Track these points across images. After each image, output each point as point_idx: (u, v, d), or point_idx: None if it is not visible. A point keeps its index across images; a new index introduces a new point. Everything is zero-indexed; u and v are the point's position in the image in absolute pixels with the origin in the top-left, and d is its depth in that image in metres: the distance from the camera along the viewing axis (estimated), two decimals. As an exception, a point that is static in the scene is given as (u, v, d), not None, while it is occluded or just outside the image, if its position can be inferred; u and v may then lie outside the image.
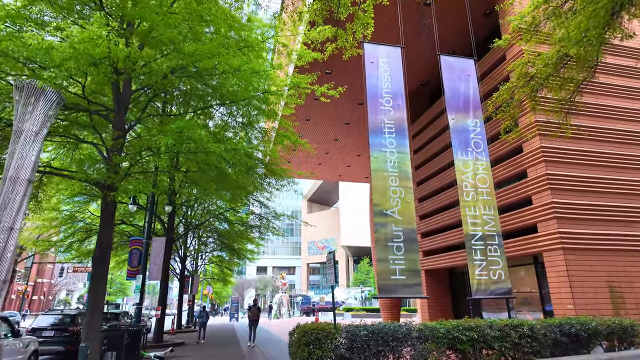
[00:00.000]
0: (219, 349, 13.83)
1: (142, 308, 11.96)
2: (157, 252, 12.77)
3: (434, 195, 17.75)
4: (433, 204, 17.74)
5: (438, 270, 18.07)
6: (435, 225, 17.47)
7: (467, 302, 17.57)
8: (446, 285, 18.37)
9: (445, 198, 16.61)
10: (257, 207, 19.61)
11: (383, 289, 9.77)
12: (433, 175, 17.79)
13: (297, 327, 7.38)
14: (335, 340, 6.56)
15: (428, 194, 18.21)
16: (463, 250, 15.76)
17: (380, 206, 10.45)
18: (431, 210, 17.87)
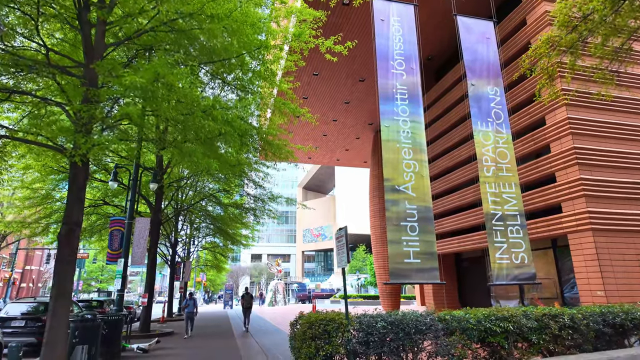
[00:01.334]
0: (211, 340, 12.71)
1: (124, 295, 10.76)
2: (140, 233, 11.53)
3: (443, 175, 16.58)
4: (441, 184, 16.59)
5: (444, 255, 17.03)
6: (442, 208, 16.35)
7: (474, 290, 16.62)
8: (452, 272, 17.38)
9: (456, 178, 15.45)
10: (252, 189, 18.35)
11: (395, 273, 8.65)
12: (442, 154, 16.56)
13: (301, 317, 6.22)
14: (348, 333, 5.41)
15: (437, 174, 17.04)
16: (471, 235, 14.70)
17: (392, 181, 9.26)
18: (439, 191, 16.73)
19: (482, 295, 16.23)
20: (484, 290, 16.19)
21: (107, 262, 11.18)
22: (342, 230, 5.79)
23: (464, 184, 14.88)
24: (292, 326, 6.49)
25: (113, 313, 9.93)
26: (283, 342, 11.42)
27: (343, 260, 5.70)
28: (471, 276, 16.95)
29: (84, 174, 7.49)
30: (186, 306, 12.93)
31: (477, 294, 16.46)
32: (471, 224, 14.47)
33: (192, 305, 12.89)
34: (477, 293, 16.41)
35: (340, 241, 5.85)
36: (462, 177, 14.82)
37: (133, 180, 11.55)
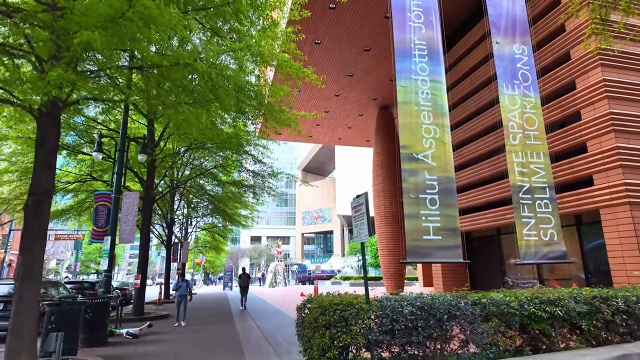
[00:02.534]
0: (208, 324, 11.88)
1: (111, 276, 9.84)
2: (129, 209, 10.51)
3: (460, 148, 15.40)
4: (458, 158, 15.47)
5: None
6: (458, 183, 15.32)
7: (485, 271, 15.78)
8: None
9: (475, 149, 14.22)
10: (251, 164, 17.25)
11: (413, 251, 7.68)
12: (461, 123, 15.17)
13: (310, 299, 5.27)
14: (369, 320, 4.44)
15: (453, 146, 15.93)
16: (487, 212, 13.75)
17: (410, 149, 8.19)
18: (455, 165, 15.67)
19: (493, 277, 15.41)
20: (495, 271, 15.37)
21: (91, 240, 10.22)
22: (361, 197, 4.76)
23: (483, 156, 13.78)
24: (299, 311, 5.54)
25: (99, 295, 9.00)
26: (285, 325, 10.58)
27: (363, 233, 4.69)
28: (482, 256, 16.08)
29: (54, 135, 6.40)
30: (177, 288, 11.10)
31: (487, 275, 15.64)
32: (487, 200, 13.50)
33: (185, 289, 11.09)
34: (488, 274, 15.60)
35: (358, 210, 4.83)
36: (483, 148, 13.64)
37: (120, 151, 10.45)
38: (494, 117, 12.50)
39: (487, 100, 13.24)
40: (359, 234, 4.81)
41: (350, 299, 4.65)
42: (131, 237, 10.48)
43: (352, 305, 4.51)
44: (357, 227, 4.89)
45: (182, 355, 7.17)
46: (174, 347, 7.90)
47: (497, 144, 12.77)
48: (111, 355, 7.17)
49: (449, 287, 16.01)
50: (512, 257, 14.58)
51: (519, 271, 14.39)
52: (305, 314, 5.46)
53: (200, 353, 7.29)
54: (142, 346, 8.09)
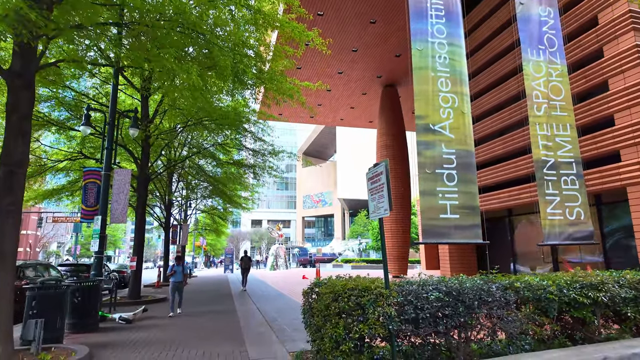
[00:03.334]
0: (207, 307, 11.38)
1: (102, 258, 9.22)
2: (120, 187, 9.82)
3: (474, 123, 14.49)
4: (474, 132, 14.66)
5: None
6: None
7: (495, 253, 15.19)
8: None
9: (491, 124, 13.30)
10: (251, 142, 16.47)
11: (429, 231, 7.02)
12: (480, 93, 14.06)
13: (319, 283, 4.63)
14: (390, 308, 3.79)
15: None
16: (499, 192, 13.07)
17: (426, 119, 7.43)
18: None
19: (503, 261, 14.85)
20: (505, 255, 14.80)
21: (81, 220, 9.57)
22: (380, 165, 4.05)
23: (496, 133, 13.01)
24: (306, 296, 4.90)
25: (90, 278, 8.40)
26: (288, 308, 10.04)
27: (381, 207, 3.99)
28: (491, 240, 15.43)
29: (27, 99, 5.65)
30: (172, 274, 9.62)
31: (497, 259, 15.07)
32: (498, 180, 12.79)
33: (180, 273, 9.69)
34: (497, 258, 15.02)
35: (376, 181, 4.12)
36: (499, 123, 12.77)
37: (109, 125, 9.68)
38: (514, 87, 11.59)
39: (509, 68, 12.16)
40: (377, 210, 4.11)
41: (366, 283, 4.00)
42: (123, 217, 9.83)
43: (369, 291, 3.85)
44: (373, 200, 4.19)
45: (177, 343, 6.59)
46: (169, 334, 7.33)
47: (514, 119, 11.97)
48: (100, 343, 6.60)
49: (456, 271, 15.48)
50: (523, 240, 13.98)
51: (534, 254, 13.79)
52: (313, 299, 4.83)
53: (196, 341, 6.72)
54: (135, 332, 7.53)
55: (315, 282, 4.94)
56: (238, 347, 6.18)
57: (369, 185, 4.34)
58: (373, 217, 4.24)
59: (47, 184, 15.48)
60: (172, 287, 9.68)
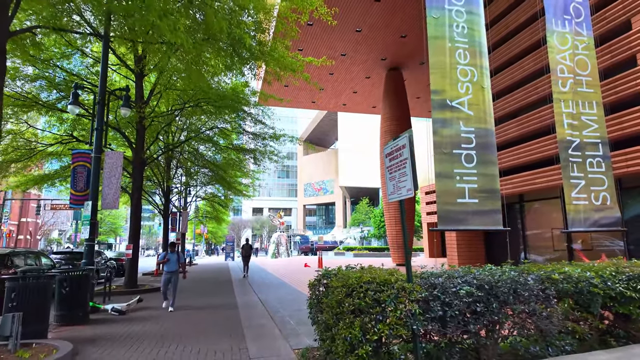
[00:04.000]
0: (206, 297, 10.90)
1: (94, 246, 8.68)
2: (111, 171, 9.22)
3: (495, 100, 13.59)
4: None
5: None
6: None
7: (503, 242, 14.64)
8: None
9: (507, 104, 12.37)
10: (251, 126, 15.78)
11: (445, 217, 6.43)
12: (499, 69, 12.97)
13: (327, 275, 4.07)
14: (413, 304, 3.21)
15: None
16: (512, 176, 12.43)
17: (442, 94, 6.77)
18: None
19: (513, 248, 14.31)
20: (515, 244, 14.25)
21: (70, 206, 9.00)
22: (401, 137, 3.42)
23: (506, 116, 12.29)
24: (312, 288, 4.34)
25: (81, 267, 7.86)
26: (290, 299, 9.54)
27: (404, 187, 3.39)
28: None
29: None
30: (164, 262, 8.37)
31: (506, 248, 14.52)
32: (512, 164, 12.14)
33: (175, 262, 8.41)
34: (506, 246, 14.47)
35: (396, 157, 3.51)
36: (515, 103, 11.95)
37: (99, 104, 9.02)
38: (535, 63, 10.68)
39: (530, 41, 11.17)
40: (397, 190, 3.51)
41: (385, 276, 3.41)
42: (115, 203, 9.25)
43: (389, 285, 3.27)
44: (392, 180, 3.58)
45: (171, 337, 6.08)
46: (163, 327, 6.83)
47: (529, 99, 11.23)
48: (87, 337, 6.09)
49: (465, 260, 14.96)
50: (534, 227, 13.42)
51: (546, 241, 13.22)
52: (320, 292, 4.27)
53: (193, 335, 6.20)
54: (127, 325, 7.02)
55: (323, 272, 4.38)
56: (237, 342, 5.66)
57: (386, 163, 3.73)
58: (393, 199, 3.64)
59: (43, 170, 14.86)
60: (165, 279, 8.38)
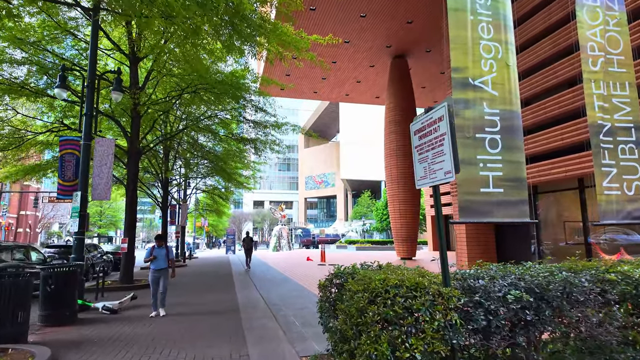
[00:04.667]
0: (205, 294, 10.36)
1: (84, 239, 8.09)
2: (102, 159, 8.59)
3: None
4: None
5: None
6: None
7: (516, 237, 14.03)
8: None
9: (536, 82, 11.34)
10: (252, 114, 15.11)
11: (466, 208, 5.79)
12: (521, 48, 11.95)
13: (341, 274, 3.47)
14: (452, 313, 2.60)
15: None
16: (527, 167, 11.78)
17: (464, 72, 6.10)
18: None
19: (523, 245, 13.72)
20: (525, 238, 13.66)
21: (57, 197, 8.39)
22: (438, 108, 2.78)
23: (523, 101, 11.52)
24: (323, 289, 3.75)
25: (67, 263, 7.28)
26: (294, 296, 8.97)
27: (440, 169, 2.76)
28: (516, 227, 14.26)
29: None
30: (151, 259, 7.12)
31: (516, 243, 13.91)
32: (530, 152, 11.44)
33: (164, 259, 7.20)
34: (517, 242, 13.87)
35: (430, 133, 2.88)
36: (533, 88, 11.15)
37: (88, 87, 8.37)
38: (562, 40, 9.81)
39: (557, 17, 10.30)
40: (430, 173, 2.88)
41: (415, 278, 2.79)
42: (106, 193, 8.65)
43: (422, 289, 2.66)
44: (424, 161, 2.95)
45: (164, 341, 5.51)
46: (157, 328, 6.26)
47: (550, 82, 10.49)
48: (72, 340, 5.52)
49: (475, 256, 14.34)
50: (547, 220, 12.82)
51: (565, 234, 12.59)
52: (333, 293, 3.68)
53: (188, 338, 5.63)
54: (118, 325, 6.46)
55: (335, 271, 3.78)
56: (238, 347, 5.09)
57: (415, 142, 3.10)
58: (423, 184, 3.02)
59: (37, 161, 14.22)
60: (153, 278, 7.13)
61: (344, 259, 22.68)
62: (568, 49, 9.65)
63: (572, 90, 9.70)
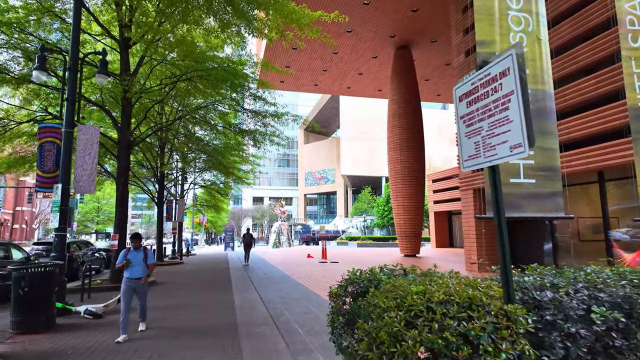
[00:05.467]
0: (198, 294, 9.68)
1: (66, 236, 7.38)
2: (86, 148, 7.84)
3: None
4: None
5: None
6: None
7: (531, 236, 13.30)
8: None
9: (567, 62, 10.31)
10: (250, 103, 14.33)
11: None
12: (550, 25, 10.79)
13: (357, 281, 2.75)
14: (522, 341, 1.87)
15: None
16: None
17: (490, 46, 5.37)
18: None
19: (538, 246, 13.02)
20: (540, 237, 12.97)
21: (36, 189, 7.65)
22: (501, 59, 2.04)
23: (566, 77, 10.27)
24: (335, 299, 3.03)
25: (43, 263, 6.56)
26: (296, 297, 8.27)
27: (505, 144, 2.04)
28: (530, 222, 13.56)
29: None
30: (124, 265, 5.60)
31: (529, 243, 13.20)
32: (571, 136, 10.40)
33: (141, 265, 5.68)
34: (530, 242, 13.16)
35: (486, 95, 2.14)
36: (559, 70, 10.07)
37: (71, 69, 7.60)
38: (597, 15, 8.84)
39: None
40: (486, 149, 2.16)
41: (463, 289, 2.07)
42: (90, 186, 7.92)
43: (480, 307, 1.94)
44: (474, 134, 2.23)
45: (148, 352, 4.81)
46: (142, 337, 5.57)
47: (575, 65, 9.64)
48: (43, 352, 4.82)
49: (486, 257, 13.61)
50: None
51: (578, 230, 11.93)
52: (347, 304, 2.97)
53: (176, 350, 4.93)
54: (99, 332, 5.75)
55: (351, 277, 3.06)
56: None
57: (461, 110, 2.37)
58: (475, 166, 2.30)
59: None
60: (126, 289, 5.58)
61: (345, 255, 21.99)
62: (604, 24, 8.71)
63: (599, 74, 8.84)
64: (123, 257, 5.68)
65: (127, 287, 5.64)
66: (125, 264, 5.63)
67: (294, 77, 28.05)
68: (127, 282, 5.65)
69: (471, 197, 13.74)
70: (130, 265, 5.64)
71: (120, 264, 5.65)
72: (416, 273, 2.99)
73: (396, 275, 2.98)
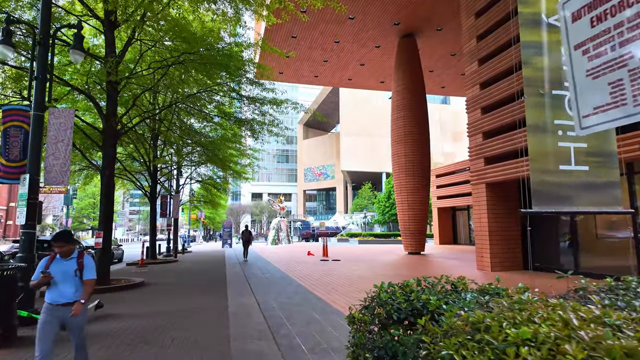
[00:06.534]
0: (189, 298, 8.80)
1: (35, 234, 6.48)
2: (58, 134, 6.89)
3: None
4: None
5: (506, 183, 12.65)
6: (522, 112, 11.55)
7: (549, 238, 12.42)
8: (513, 207, 13.04)
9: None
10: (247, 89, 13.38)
11: (541, 193, 4.19)
12: None
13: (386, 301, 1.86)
14: None
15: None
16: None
17: (534, 6, 4.44)
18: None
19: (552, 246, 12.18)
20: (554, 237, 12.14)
21: (1, 180, 6.73)
22: None
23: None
24: (358, 325, 2.12)
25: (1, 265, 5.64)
26: (295, 301, 7.38)
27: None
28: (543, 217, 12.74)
29: None
30: (40, 282, 3.33)
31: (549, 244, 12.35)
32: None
33: (72, 283, 3.40)
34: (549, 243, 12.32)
35: (621, 4, 1.27)
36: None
37: (42, 44, 6.66)
38: None
39: None
40: (636, 93, 1.28)
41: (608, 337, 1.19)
42: (63, 177, 7.00)
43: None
44: (608, 70, 1.35)
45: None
46: (114, 355, 4.67)
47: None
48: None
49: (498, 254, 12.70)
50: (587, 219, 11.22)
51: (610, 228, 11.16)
52: (374, 333, 2.08)
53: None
54: (66, 348, 4.86)
55: (381, 296, 2.17)
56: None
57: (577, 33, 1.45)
58: (611, 121, 1.41)
59: None
60: (45, 321, 3.32)
61: (347, 253, 21.14)
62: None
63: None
64: (43, 266, 3.41)
65: (47, 318, 3.33)
66: (43, 281, 3.34)
67: (293, 69, 27.07)
68: (48, 310, 3.36)
69: (484, 192, 12.85)
70: (52, 281, 3.36)
71: (35, 282, 3.38)
72: (474, 290, 2.10)
73: (446, 293, 2.09)
